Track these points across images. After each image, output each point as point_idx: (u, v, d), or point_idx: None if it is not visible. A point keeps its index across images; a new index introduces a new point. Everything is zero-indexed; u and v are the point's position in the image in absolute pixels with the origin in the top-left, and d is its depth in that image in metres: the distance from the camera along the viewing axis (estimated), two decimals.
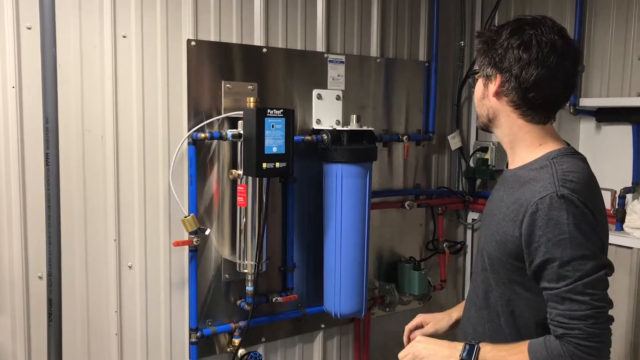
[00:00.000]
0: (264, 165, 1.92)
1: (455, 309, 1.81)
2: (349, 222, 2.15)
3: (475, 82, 1.57)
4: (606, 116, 2.45)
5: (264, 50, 2.15)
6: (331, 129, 2.17)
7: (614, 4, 2.30)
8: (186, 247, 2.03)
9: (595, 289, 1.30)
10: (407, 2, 2.55)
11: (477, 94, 1.54)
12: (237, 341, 2.12)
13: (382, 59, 2.47)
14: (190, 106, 2.01)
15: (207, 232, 2.03)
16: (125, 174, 1.92)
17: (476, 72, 1.53)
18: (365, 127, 2.20)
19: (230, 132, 1.98)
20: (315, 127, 2.26)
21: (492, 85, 1.47)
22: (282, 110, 1.94)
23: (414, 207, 2.57)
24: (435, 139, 2.65)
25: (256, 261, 2.03)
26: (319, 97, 2.27)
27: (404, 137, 2.48)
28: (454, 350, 1.43)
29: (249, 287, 2.06)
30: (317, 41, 2.29)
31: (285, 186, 2.22)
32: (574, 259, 1.30)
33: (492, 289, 1.49)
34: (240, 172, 2.00)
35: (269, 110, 1.92)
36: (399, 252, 2.60)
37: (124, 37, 1.89)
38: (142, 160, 1.95)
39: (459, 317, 1.78)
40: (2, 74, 1.72)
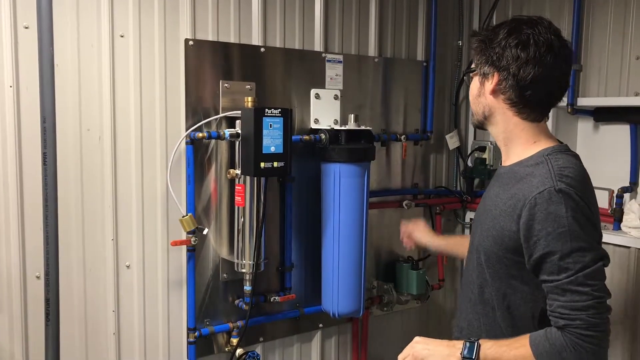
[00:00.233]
0: (262, 164, 1.92)
1: (443, 240, 2.05)
2: (347, 222, 2.15)
3: (470, 80, 1.59)
4: (604, 116, 2.45)
5: (262, 49, 2.14)
6: (329, 128, 2.17)
7: (612, 4, 2.31)
8: (184, 247, 2.03)
9: (595, 279, 1.33)
10: (405, 2, 2.55)
11: (472, 91, 1.56)
12: (235, 341, 2.12)
13: (380, 59, 2.47)
14: (188, 105, 2.01)
15: (205, 232, 2.03)
16: (122, 174, 1.92)
17: (472, 70, 1.55)
18: (363, 127, 2.20)
19: (228, 132, 1.98)
20: (313, 126, 2.26)
21: (489, 83, 1.49)
22: (280, 109, 1.94)
23: (412, 206, 2.57)
24: (433, 138, 2.65)
25: (254, 261, 2.03)
26: (317, 96, 2.27)
27: (402, 137, 2.48)
28: (453, 349, 1.44)
29: (247, 287, 2.06)
30: (315, 41, 2.29)
31: (283, 186, 2.22)
32: (573, 251, 1.32)
33: (488, 284, 1.51)
34: (238, 171, 2.00)
35: (266, 109, 1.92)
36: (397, 252, 2.60)
37: (122, 36, 1.88)
38: (140, 159, 1.95)
39: (440, 246, 2.04)
40: (0, 73, 1.72)
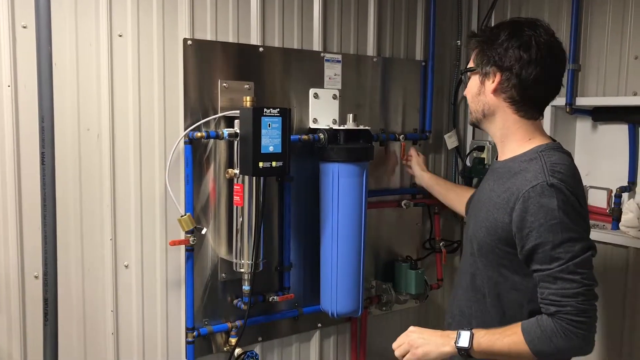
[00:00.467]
0: (261, 164, 1.92)
1: (432, 180, 2.29)
2: (345, 222, 2.15)
3: (467, 79, 1.63)
4: (602, 115, 2.46)
5: (261, 49, 2.14)
6: (328, 128, 2.17)
7: (610, 4, 2.31)
8: (182, 247, 2.03)
9: (584, 268, 1.41)
10: (403, 2, 2.55)
11: (471, 90, 1.63)
12: (233, 340, 2.12)
13: (379, 58, 2.47)
14: (186, 105, 2.00)
15: (203, 232, 2.03)
16: (121, 173, 1.92)
17: (472, 69, 1.59)
18: (361, 127, 2.20)
19: (226, 131, 1.98)
20: (311, 126, 2.26)
21: (490, 82, 1.55)
22: (278, 109, 1.94)
23: (410, 206, 2.57)
24: (431, 138, 2.65)
25: (253, 260, 2.02)
26: (316, 96, 2.27)
27: (401, 137, 2.48)
28: (447, 338, 1.51)
29: (246, 287, 2.06)
30: (314, 40, 2.29)
31: (281, 185, 2.22)
32: (564, 242, 1.40)
33: (479, 273, 1.59)
34: (236, 171, 2.00)
35: (265, 109, 1.92)
36: (396, 251, 2.60)
37: (120, 36, 1.88)
38: (139, 159, 1.95)
39: (427, 183, 2.33)
40: None
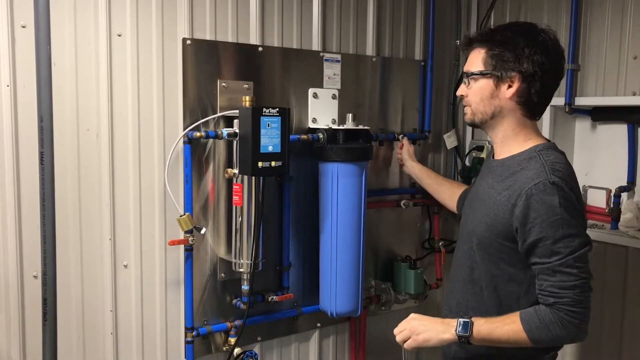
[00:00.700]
0: (260, 164, 1.92)
1: (428, 174, 2.32)
2: (344, 221, 2.15)
3: (474, 81, 1.63)
4: (601, 115, 2.46)
5: (260, 49, 2.14)
6: (327, 128, 2.17)
7: (609, 3, 2.31)
8: (182, 246, 2.03)
9: (581, 262, 1.48)
10: (402, 1, 2.55)
11: (481, 93, 1.65)
12: (232, 340, 2.12)
13: (378, 58, 2.47)
14: (185, 105, 2.00)
15: (202, 231, 2.03)
16: (120, 173, 1.92)
17: (485, 73, 1.62)
18: (361, 126, 2.20)
19: (225, 131, 1.98)
20: (311, 126, 2.26)
21: (506, 86, 1.60)
22: (277, 109, 1.94)
23: (409, 206, 2.57)
24: (431, 137, 2.65)
25: (252, 260, 2.02)
26: (315, 96, 2.27)
27: (400, 136, 2.48)
28: (448, 326, 1.57)
29: (245, 286, 2.06)
30: (313, 40, 2.29)
31: (281, 185, 2.22)
32: (564, 237, 1.47)
33: (478, 266, 1.65)
34: (235, 171, 2.00)
35: (264, 109, 1.92)
36: (395, 251, 2.60)
37: (119, 35, 1.88)
38: (138, 159, 1.95)
39: (413, 171, 2.36)
40: None
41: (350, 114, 2.19)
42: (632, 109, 2.31)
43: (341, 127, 2.16)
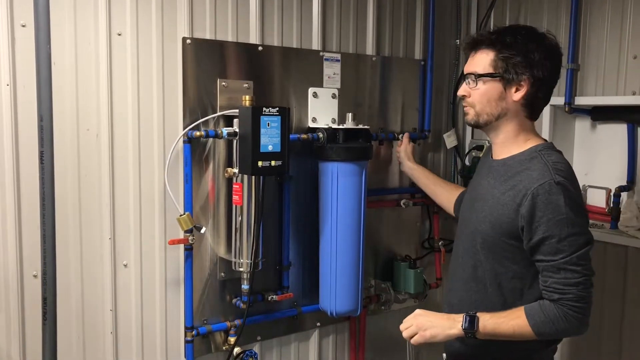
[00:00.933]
0: (260, 163, 1.92)
1: (424, 174, 2.33)
2: (344, 221, 2.15)
3: (481, 82, 1.63)
4: (601, 115, 2.46)
5: (260, 48, 2.14)
6: (327, 127, 2.17)
7: (609, 3, 2.31)
8: (181, 246, 2.03)
9: (584, 260, 1.53)
10: (402, 1, 2.55)
11: (488, 94, 1.66)
12: (232, 339, 2.12)
13: (378, 57, 2.46)
14: (185, 104, 2.00)
15: (202, 231, 2.03)
16: (120, 172, 1.92)
17: (495, 75, 1.64)
18: (361, 126, 2.20)
19: (225, 130, 1.98)
20: (311, 125, 2.25)
21: (514, 89, 1.62)
22: (277, 108, 1.94)
23: (409, 205, 2.57)
24: (431, 137, 2.65)
25: (252, 259, 2.02)
26: (315, 95, 2.26)
27: (400, 136, 2.48)
28: (453, 322, 1.60)
29: (245, 286, 2.06)
30: (313, 39, 2.29)
31: (281, 184, 2.22)
32: (569, 236, 1.51)
33: (481, 264, 1.68)
34: (235, 170, 2.00)
35: (264, 108, 1.92)
36: (395, 251, 2.60)
37: (119, 35, 1.88)
38: (138, 158, 1.94)
39: (409, 169, 2.35)
40: None
41: (350, 114, 2.19)
42: (632, 109, 2.31)
43: (341, 127, 2.16)
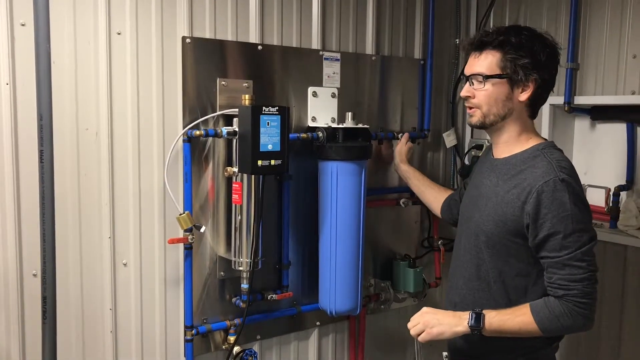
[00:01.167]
0: (259, 162, 1.92)
1: (415, 175, 2.32)
2: (344, 220, 2.15)
3: (481, 83, 1.64)
4: (601, 114, 2.46)
5: (259, 47, 2.14)
6: (326, 126, 2.17)
7: (609, 2, 2.31)
8: (181, 245, 2.03)
9: (589, 256, 1.54)
10: (402, 0, 2.55)
11: (496, 95, 1.66)
12: (232, 339, 2.12)
13: (378, 57, 2.46)
14: (185, 103, 2.00)
15: (202, 230, 2.03)
16: (119, 171, 1.92)
17: (502, 76, 1.64)
18: (360, 125, 2.20)
19: (225, 130, 1.98)
20: (310, 124, 2.26)
21: (520, 89, 1.64)
22: (277, 107, 1.94)
23: (409, 204, 2.57)
24: (430, 136, 2.65)
25: (251, 259, 2.03)
26: (315, 94, 2.27)
27: (400, 135, 2.48)
28: (460, 319, 1.62)
29: (244, 285, 2.06)
30: (313, 38, 2.29)
31: (280, 184, 2.22)
32: (574, 232, 1.53)
33: (484, 263, 1.69)
34: (235, 169, 2.00)
35: (264, 107, 1.92)
36: (394, 250, 2.60)
37: (119, 34, 1.88)
38: (137, 157, 1.95)
39: (402, 170, 2.35)
40: None
41: (349, 113, 2.20)
42: (631, 108, 2.31)
43: (341, 126, 2.16)
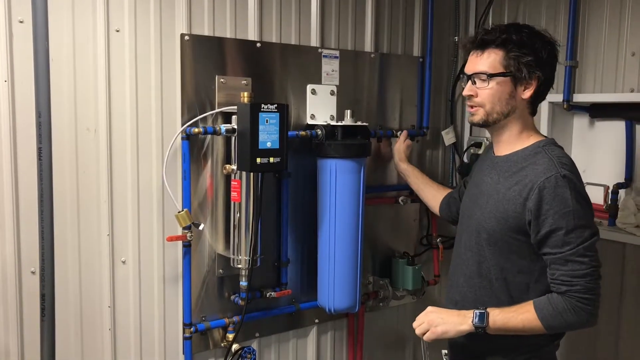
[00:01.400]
0: (258, 160, 1.92)
1: (414, 173, 2.31)
2: (343, 218, 2.15)
3: (483, 81, 1.64)
4: (599, 112, 2.46)
5: (258, 45, 2.14)
6: (325, 124, 2.17)
7: (608, 0, 2.31)
8: (180, 243, 2.03)
9: (591, 251, 1.54)
10: None
11: (499, 93, 1.67)
12: (231, 336, 2.12)
13: (377, 54, 2.46)
14: (183, 101, 2.00)
15: (200, 228, 2.03)
16: (118, 169, 1.92)
17: (506, 74, 1.64)
18: (359, 123, 2.20)
19: (224, 127, 1.98)
20: (309, 122, 2.25)
21: (523, 87, 1.65)
22: (276, 105, 1.94)
23: (407, 202, 2.57)
24: (429, 134, 2.65)
25: (250, 256, 2.03)
26: (313, 92, 2.26)
27: (398, 133, 2.48)
28: (464, 318, 1.62)
29: (243, 282, 2.06)
30: (312, 36, 2.29)
31: (279, 181, 2.22)
32: (576, 228, 1.53)
33: (486, 260, 1.70)
34: (234, 167, 2.00)
35: (263, 105, 1.92)
36: (393, 247, 2.60)
37: (117, 31, 1.88)
38: (136, 154, 1.94)
39: (402, 168, 2.35)
40: None
41: (348, 110, 2.19)
42: (630, 106, 2.31)
43: (339, 124, 2.16)
